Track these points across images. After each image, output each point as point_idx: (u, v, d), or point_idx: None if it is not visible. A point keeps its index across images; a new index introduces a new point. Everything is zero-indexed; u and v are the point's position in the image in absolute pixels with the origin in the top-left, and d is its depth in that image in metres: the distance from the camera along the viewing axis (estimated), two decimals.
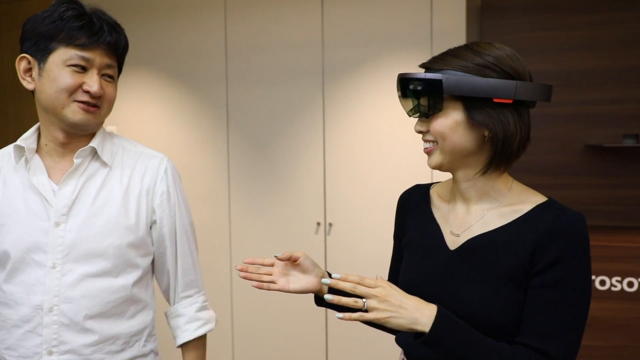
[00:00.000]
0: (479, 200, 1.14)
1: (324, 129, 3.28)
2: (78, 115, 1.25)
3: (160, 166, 1.38)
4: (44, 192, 1.28)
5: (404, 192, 1.33)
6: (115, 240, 1.29)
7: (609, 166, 3.41)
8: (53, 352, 1.27)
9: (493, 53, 1.08)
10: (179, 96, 3.54)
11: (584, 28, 3.39)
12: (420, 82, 1.08)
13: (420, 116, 1.13)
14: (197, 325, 1.42)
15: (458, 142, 1.09)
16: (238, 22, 3.39)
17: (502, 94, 1.05)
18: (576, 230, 1.04)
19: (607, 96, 3.36)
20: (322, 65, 3.26)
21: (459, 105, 1.07)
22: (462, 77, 1.05)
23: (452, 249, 1.14)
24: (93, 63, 1.25)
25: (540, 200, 1.11)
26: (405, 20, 3.10)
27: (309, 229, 3.31)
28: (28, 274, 1.26)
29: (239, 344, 3.48)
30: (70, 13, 1.23)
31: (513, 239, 1.07)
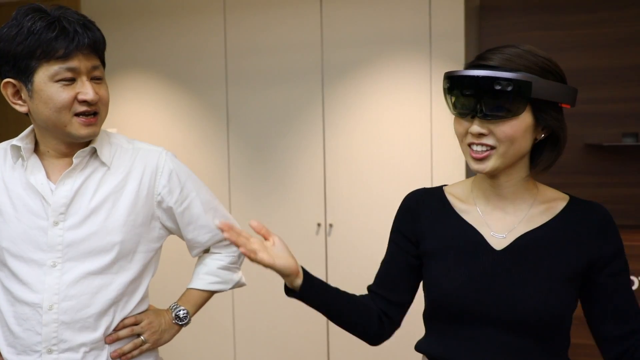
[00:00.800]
0: (515, 200, 1.15)
1: (323, 129, 3.28)
2: (82, 130, 1.25)
3: (159, 160, 1.38)
4: (42, 191, 1.27)
5: (410, 195, 1.28)
6: (114, 238, 1.29)
7: (608, 165, 3.41)
8: (53, 351, 1.27)
9: (546, 56, 1.08)
10: (179, 98, 3.54)
11: (582, 27, 3.39)
12: (510, 83, 1.01)
13: (480, 117, 1.06)
14: (213, 280, 1.50)
15: (523, 146, 1.08)
16: (237, 24, 3.39)
17: (567, 99, 1.08)
18: (611, 218, 1.13)
19: (607, 95, 3.36)
20: (321, 66, 3.26)
21: (528, 109, 1.05)
22: (546, 82, 1.05)
23: (499, 249, 1.13)
24: (79, 71, 1.22)
25: (565, 197, 1.17)
26: (404, 21, 3.10)
27: (310, 230, 3.31)
28: (27, 272, 1.27)
29: (240, 344, 3.48)
30: (39, 24, 1.18)
31: (562, 234, 1.11)
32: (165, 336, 1.42)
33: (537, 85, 1.03)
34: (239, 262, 1.55)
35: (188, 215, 1.41)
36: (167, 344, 1.45)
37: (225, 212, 1.51)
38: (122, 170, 1.34)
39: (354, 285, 3.21)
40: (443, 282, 1.15)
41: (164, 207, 1.38)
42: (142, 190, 1.34)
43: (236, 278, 1.54)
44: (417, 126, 3.10)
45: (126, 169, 1.34)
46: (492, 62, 1.06)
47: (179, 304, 1.47)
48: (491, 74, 1.03)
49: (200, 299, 1.50)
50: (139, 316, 1.37)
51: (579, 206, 1.14)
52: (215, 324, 3.47)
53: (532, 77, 1.03)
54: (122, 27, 3.51)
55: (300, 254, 1.72)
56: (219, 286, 1.51)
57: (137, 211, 1.33)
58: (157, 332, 1.40)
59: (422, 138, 3.10)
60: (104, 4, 3.50)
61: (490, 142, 1.06)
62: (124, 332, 1.34)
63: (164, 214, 1.39)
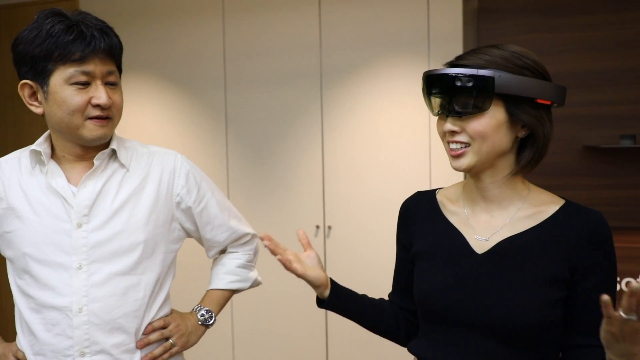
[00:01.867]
0: (503, 202, 1.13)
1: (322, 131, 3.29)
2: (94, 132, 1.26)
3: (176, 162, 1.41)
4: (64, 194, 1.28)
5: (405, 200, 1.30)
6: (138, 237, 1.31)
7: (606, 167, 3.42)
8: (85, 354, 1.27)
9: (522, 52, 1.07)
10: (178, 100, 3.54)
11: (580, 30, 3.40)
12: (470, 79, 1.03)
13: (451, 115, 1.07)
14: (233, 279, 1.53)
15: (498, 143, 1.06)
16: (236, 26, 3.40)
17: (544, 94, 1.06)
18: (607, 230, 1.08)
19: (605, 97, 3.37)
20: (320, 68, 3.26)
21: (500, 104, 1.05)
22: (512, 76, 1.03)
23: (481, 253, 1.11)
24: (94, 75, 1.23)
25: (560, 201, 1.12)
26: (402, 23, 3.11)
27: (308, 232, 3.31)
28: (52, 277, 1.27)
29: (239, 346, 3.48)
30: (58, 27, 1.20)
31: (546, 240, 1.07)
32: (192, 338, 1.45)
33: (502, 80, 1.02)
34: (254, 261, 1.59)
35: (206, 215, 1.44)
36: None
37: (237, 212, 1.55)
38: (141, 173, 1.35)
39: (353, 287, 3.22)
40: (427, 284, 1.16)
41: (182, 207, 1.40)
42: (162, 191, 1.36)
43: (253, 276, 1.58)
44: (416, 128, 3.11)
45: (144, 172, 1.36)
46: (464, 60, 1.07)
47: (203, 305, 1.50)
48: (451, 71, 1.05)
49: (222, 299, 1.54)
50: (167, 319, 1.39)
51: (572, 212, 1.10)
52: (214, 327, 3.45)
53: (497, 73, 1.02)
54: (121, 30, 3.49)
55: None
56: (238, 284, 1.54)
57: (158, 211, 1.35)
58: (185, 335, 1.42)
59: (420, 140, 3.10)
60: (102, 7, 3.50)
61: (463, 139, 1.07)
62: (154, 336, 1.35)
63: (183, 214, 1.41)
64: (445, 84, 1.06)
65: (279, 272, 3.36)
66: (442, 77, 1.06)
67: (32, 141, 1.37)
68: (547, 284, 1.05)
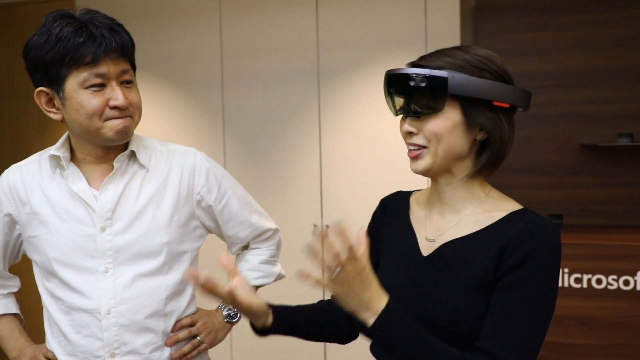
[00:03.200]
0: (456, 205, 1.11)
1: (319, 131, 3.29)
2: (114, 132, 1.24)
3: (196, 160, 1.40)
4: (86, 198, 1.28)
5: (386, 196, 1.32)
6: (162, 239, 1.31)
7: (604, 165, 3.42)
8: (115, 355, 1.28)
9: (483, 54, 1.05)
10: (175, 100, 3.54)
11: (578, 28, 3.40)
12: (423, 79, 1.02)
13: (409, 116, 1.08)
14: (257, 275, 1.54)
15: (453, 145, 1.05)
16: (233, 26, 3.39)
17: (501, 97, 1.03)
18: (546, 236, 1.00)
19: (602, 96, 3.37)
20: (317, 67, 3.26)
21: (456, 106, 1.04)
22: (465, 77, 1.02)
23: (425, 254, 1.12)
24: (109, 76, 1.21)
25: (515, 208, 1.08)
26: (400, 22, 3.10)
27: (306, 231, 3.31)
28: (80, 280, 1.27)
29: (237, 344, 3.48)
30: (67, 30, 1.18)
31: (483, 244, 1.04)
32: (219, 335, 1.47)
33: (455, 81, 1.01)
34: (277, 255, 1.61)
35: (227, 213, 1.44)
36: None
37: (259, 207, 1.55)
38: (161, 172, 1.35)
39: None
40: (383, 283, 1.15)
41: (203, 206, 1.40)
42: (183, 190, 1.36)
43: (277, 270, 1.60)
44: None
45: (165, 171, 1.35)
46: (424, 61, 1.07)
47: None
48: (407, 71, 1.05)
49: None
50: (194, 317, 1.40)
51: (517, 218, 1.05)
52: None
53: (452, 73, 1.01)
54: None
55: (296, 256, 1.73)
56: (262, 280, 1.56)
57: (180, 211, 1.35)
58: (212, 332, 1.44)
59: None
60: (98, 6, 3.49)
61: (419, 141, 1.07)
62: (183, 334, 1.37)
63: (204, 212, 1.41)
64: (401, 84, 1.06)
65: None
66: (398, 77, 1.06)
67: (29, 142, 1.37)
68: (478, 290, 1.02)
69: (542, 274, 0.99)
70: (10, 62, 3.80)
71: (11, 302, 1.47)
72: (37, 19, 3.81)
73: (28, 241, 1.33)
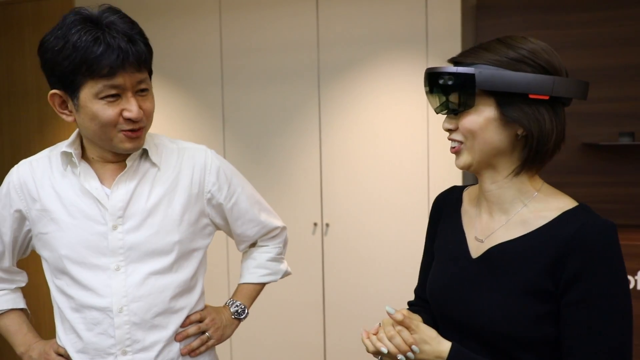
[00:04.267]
0: (504, 204, 1.08)
1: (320, 129, 3.28)
2: (127, 144, 1.24)
3: (207, 158, 1.41)
4: (98, 196, 1.28)
5: (439, 194, 1.28)
6: (173, 237, 1.32)
7: (605, 164, 3.41)
8: (127, 352, 1.29)
9: (527, 46, 1.02)
10: (175, 97, 3.53)
11: (579, 26, 3.39)
12: (450, 77, 1.02)
13: (448, 113, 1.08)
14: (264, 272, 1.57)
15: (489, 141, 1.03)
16: (233, 23, 3.38)
17: (539, 89, 0.99)
18: (603, 239, 0.96)
19: (603, 94, 3.36)
20: (317, 65, 3.25)
21: (491, 102, 1.02)
22: (496, 72, 0.99)
23: (475, 256, 1.10)
24: (124, 87, 1.19)
25: (567, 206, 1.04)
26: (400, 20, 3.09)
27: (306, 229, 3.31)
28: (91, 278, 1.28)
29: (236, 347, 3.47)
30: (84, 39, 1.15)
31: (535, 248, 1.01)
32: (227, 331, 1.49)
33: (483, 76, 0.99)
34: (284, 252, 1.62)
35: (237, 211, 1.45)
36: None
37: (267, 205, 1.57)
38: (172, 170, 1.35)
39: (351, 285, 3.22)
40: (430, 281, 1.18)
41: (213, 203, 1.41)
42: (193, 189, 1.37)
43: (284, 268, 1.61)
44: (414, 125, 3.10)
45: (176, 169, 1.36)
46: (461, 57, 1.07)
47: (235, 299, 1.53)
48: (436, 69, 1.05)
49: (254, 292, 1.57)
50: (203, 313, 1.42)
51: (569, 219, 1.01)
52: None
53: (479, 69, 1.00)
54: None
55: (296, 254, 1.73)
56: (269, 278, 1.58)
57: (191, 209, 1.36)
58: (220, 328, 1.45)
59: (418, 137, 3.09)
60: (97, 4, 3.48)
61: (457, 137, 1.07)
62: (193, 330, 1.38)
63: (214, 210, 1.42)
64: (433, 83, 1.06)
65: None
66: (430, 75, 1.07)
67: (28, 141, 1.36)
68: (527, 296, 0.99)
69: (608, 280, 0.95)
70: (9, 60, 3.79)
71: (19, 297, 1.47)
72: (36, 17, 3.82)
73: (38, 237, 1.33)
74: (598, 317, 0.95)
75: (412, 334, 1.01)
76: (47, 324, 1.42)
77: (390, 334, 1.02)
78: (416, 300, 1.33)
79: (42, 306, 3.06)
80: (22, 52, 3.77)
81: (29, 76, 3.75)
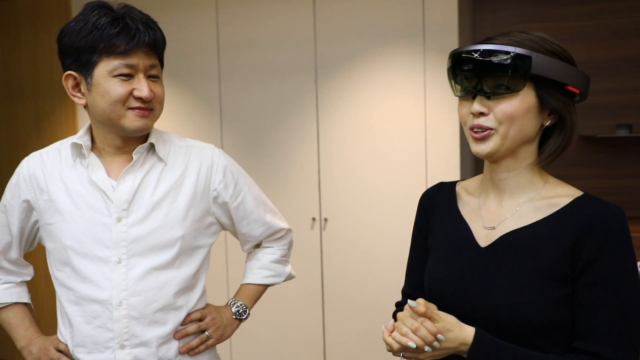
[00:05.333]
0: (515, 192, 1.09)
1: (317, 124, 3.28)
2: (136, 122, 1.27)
3: (214, 156, 1.42)
4: (104, 188, 1.29)
5: (426, 190, 1.28)
6: (176, 233, 1.32)
7: (602, 156, 3.42)
8: (125, 346, 1.29)
9: (556, 42, 1.04)
10: (172, 93, 3.52)
11: (576, 19, 3.39)
12: (508, 56, 0.99)
13: (480, 95, 1.03)
14: (267, 274, 1.56)
15: (525, 128, 1.02)
16: (230, 19, 3.37)
17: (575, 82, 1.02)
18: (617, 222, 0.99)
19: (601, 87, 3.37)
20: (314, 60, 3.25)
21: (532, 88, 1.01)
22: (547, 59, 0.99)
23: (484, 245, 1.09)
24: (138, 68, 1.25)
25: (577, 194, 1.06)
26: (398, 15, 3.09)
27: (305, 224, 3.31)
28: (93, 270, 1.29)
29: (236, 342, 3.48)
30: (104, 20, 1.22)
31: (552, 233, 1.02)
32: (227, 331, 1.48)
33: (538, 61, 0.98)
34: (288, 255, 1.62)
35: (242, 210, 1.45)
36: None
37: (273, 206, 1.58)
38: (179, 167, 1.37)
39: (350, 279, 3.23)
40: (432, 276, 1.16)
41: (219, 202, 1.41)
42: (199, 186, 1.38)
43: (287, 270, 1.61)
44: (411, 120, 3.10)
45: (182, 166, 1.37)
46: (496, 40, 1.04)
47: (237, 299, 1.52)
48: (490, 47, 1.01)
49: (256, 293, 1.56)
50: (203, 312, 1.41)
51: (584, 204, 1.03)
52: None
53: (533, 53, 0.99)
54: None
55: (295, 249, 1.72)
56: (273, 279, 1.57)
57: (196, 206, 1.36)
58: (220, 328, 1.45)
59: (416, 132, 3.10)
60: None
61: (489, 123, 1.03)
62: (192, 328, 1.38)
63: (219, 209, 1.42)
64: (478, 62, 1.01)
65: None
66: (476, 53, 1.01)
67: (25, 139, 1.37)
68: (547, 281, 1.00)
69: (623, 262, 0.98)
70: (5, 57, 3.78)
71: (23, 291, 1.47)
72: (32, 14, 3.80)
73: (44, 228, 1.34)
74: (614, 297, 0.97)
75: (435, 322, 0.99)
76: (46, 320, 1.41)
77: (414, 326, 0.97)
78: (404, 299, 1.31)
79: (40, 303, 3.06)
80: (18, 48, 3.75)
81: (25, 73, 3.73)
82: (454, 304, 1.09)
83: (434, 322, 0.98)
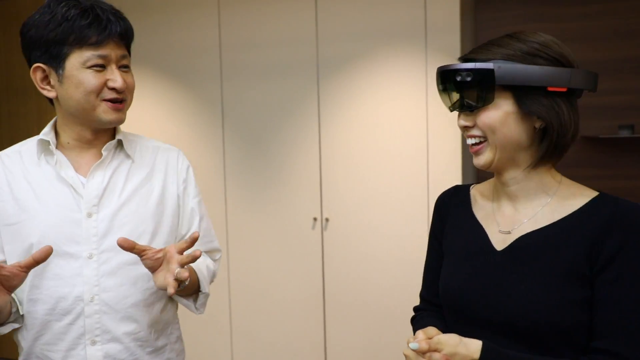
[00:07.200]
0: (528, 198, 1.09)
1: (319, 124, 3.28)
2: (110, 115, 1.28)
3: (179, 157, 1.46)
4: (74, 184, 1.29)
5: (442, 193, 1.28)
6: (147, 228, 1.33)
7: (604, 157, 3.42)
8: (96, 342, 1.29)
9: (538, 40, 1.03)
10: (174, 93, 3.52)
11: (578, 19, 3.39)
12: (469, 73, 1.02)
13: (463, 110, 1.07)
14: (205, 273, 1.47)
15: (509, 135, 1.04)
16: (232, 18, 3.37)
17: (556, 82, 1.01)
18: (637, 222, 0.99)
19: (603, 87, 3.36)
20: (316, 60, 3.25)
21: (508, 96, 1.02)
22: (513, 66, 1.00)
23: (500, 249, 1.09)
24: (110, 58, 1.26)
25: (593, 194, 1.07)
26: (399, 14, 3.09)
27: (306, 224, 3.31)
28: (62, 266, 1.27)
29: (237, 342, 3.48)
30: (73, 12, 1.22)
31: (569, 234, 1.02)
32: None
33: (502, 71, 1.00)
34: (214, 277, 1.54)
35: (193, 212, 1.46)
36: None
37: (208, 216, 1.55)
38: (146, 165, 1.39)
39: (351, 280, 3.23)
40: (448, 280, 1.15)
41: (181, 201, 1.44)
42: (167, 184, 1.40)
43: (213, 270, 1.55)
44: (413, 120, 3.10)
45: (149, 165, 1.40)
46: (472, 54, 1.07)
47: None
48: (452, 66, 1.05)
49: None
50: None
51: (602, 203, 1.04)
52: (212, 323, 3.46)
53: (498, 64, 1.00)
54: None
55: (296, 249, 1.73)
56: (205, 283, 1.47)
57: (165, 203, 1.39)
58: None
59: (418, 132, 3.09)
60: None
61: (477, 132, 1.06)
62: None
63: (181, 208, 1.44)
64: (450, 80, 1.06)
65: (277, 271, 3.36)
66: (445, 73, 1.07)
67: (27, 134, 1.37)
68: (564, 282, 1.00)
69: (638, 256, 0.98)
70: (8, 56, 3.78)
71: None
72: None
73: (6, 230, 1.29)
74: (634, 294, 0.98)
75: (440, 351, 0.98)
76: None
77: None
78: (422, 304, 1.31)
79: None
80: (20, 48, 3.75)
81: (28, 72, 3.73)
82: (471, 308, 1.08)
83: (439, 352, 0.98)
